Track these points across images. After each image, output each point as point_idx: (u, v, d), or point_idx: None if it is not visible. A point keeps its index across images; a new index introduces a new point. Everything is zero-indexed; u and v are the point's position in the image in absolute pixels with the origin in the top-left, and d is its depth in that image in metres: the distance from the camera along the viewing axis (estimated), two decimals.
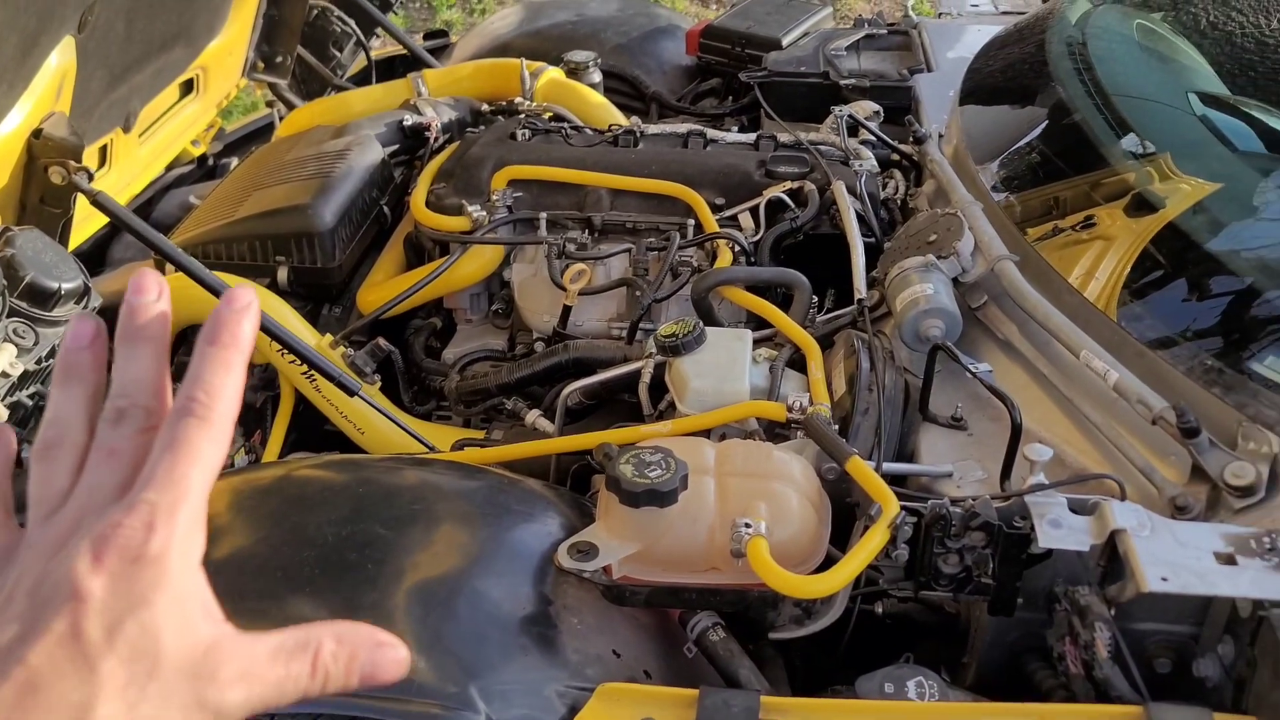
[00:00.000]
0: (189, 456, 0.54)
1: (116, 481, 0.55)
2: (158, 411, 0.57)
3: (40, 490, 0.56)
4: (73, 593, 0.50)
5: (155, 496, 0.52)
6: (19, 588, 0.52)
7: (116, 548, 0.51)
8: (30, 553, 0.54)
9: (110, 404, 0.57)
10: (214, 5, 2.38)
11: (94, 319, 0.60)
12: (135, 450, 0.55)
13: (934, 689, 1.13)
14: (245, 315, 0.58)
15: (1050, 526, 1.13)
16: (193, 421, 0.54)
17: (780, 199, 1.94)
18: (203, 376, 0.55)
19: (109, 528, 0.51)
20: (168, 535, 0.52)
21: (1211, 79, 1.88)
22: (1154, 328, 1.43)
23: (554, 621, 1.14)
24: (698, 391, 1.49)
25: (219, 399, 0.55)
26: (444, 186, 2.08)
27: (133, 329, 0.58)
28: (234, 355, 0.57)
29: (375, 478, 1.32)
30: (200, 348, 0.57)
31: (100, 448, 0.56)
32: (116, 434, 0.56)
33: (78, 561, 0.51)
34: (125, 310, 0.58)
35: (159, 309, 0.59)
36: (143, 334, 0.58)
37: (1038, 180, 1.82)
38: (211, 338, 0.57)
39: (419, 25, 5.66)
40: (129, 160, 2.31)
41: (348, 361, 1.81)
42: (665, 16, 3.15)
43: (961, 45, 2.55)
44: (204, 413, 0.55)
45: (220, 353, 0.56)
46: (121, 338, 0.58)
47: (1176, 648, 1.14)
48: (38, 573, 0.52)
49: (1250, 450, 1.24)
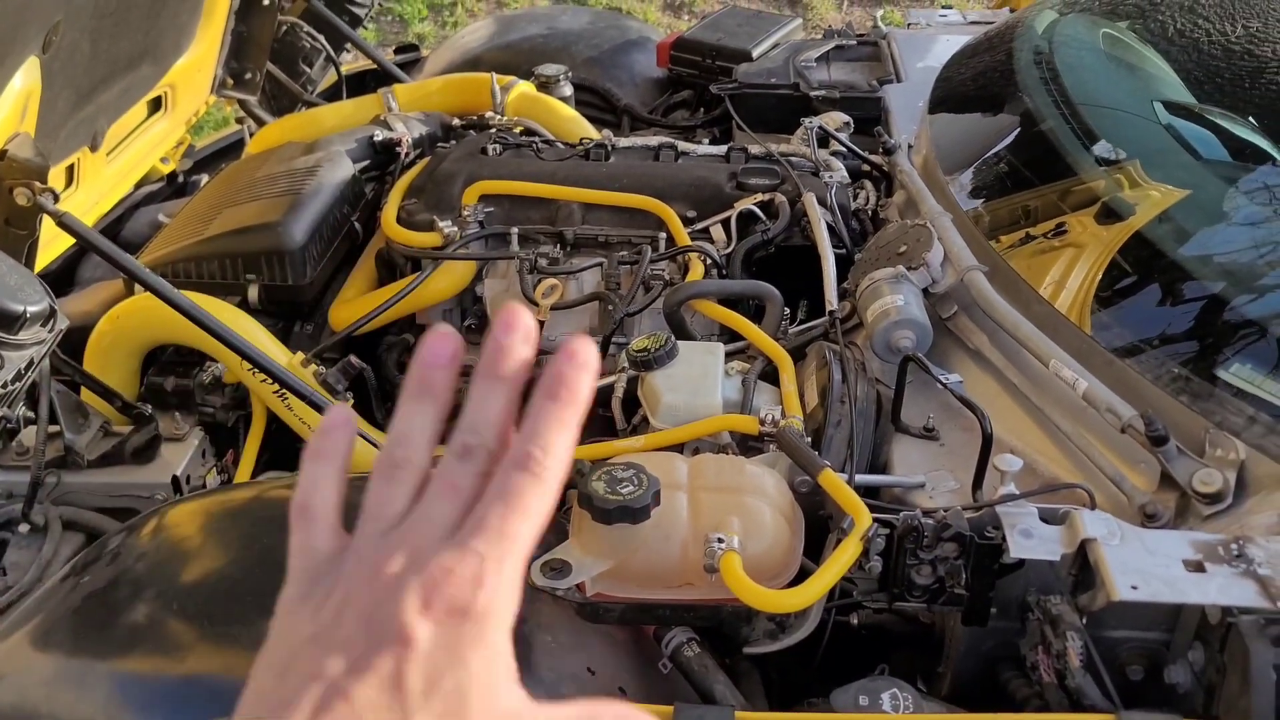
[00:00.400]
0: (520, 511, 0.54)
1: (452, 518, 0.54)
2: (498, 456, 0.57)
3: (377, 507, 0.56)
4: (401, 636, 0.50)
5: (485, 548, 0.52)
6: (348, 610, 0.52)
7: (446, 597, 0.51)
8: (359, 567, 0.53)
9: (459, 437, 0.57)
10: (181, 22, 2.37)
11: (454, 336, 0.60)
12: (473, 489, 0.55)
13: (909, 700, 1.13)
14: (585, 371, 0.57)
15: (1022, 536, 1.14)
16: (527, 477, 0.54)
17: (751, 211, 1.95)
18: (540, 431, 0.55)
19: (441, 573, 0.51)
20: (493, 592, 0.52)
21: (1177, 87, 1.89)
22: (1122, 336, 1.44)
23: (528, 640, 1.13)
24: (670, 406, 1.49)
25: (553, 456, 0.55)
26: (415, 202, 2.07)
27: (495, 368, 0.58)
28: (571, 413, 0.56)
29: (349, 498, 1.31)
30: (540, 401, 0.57)
31: (443, 478, 0.56)
32: (461, 469, 0.56)
33: (408, 603, 0.50)
34: (491, 346, 0.58)
35: (524, 352, 0.58)
36: (503, 374, 0.58)
37: (1006, 190, 1.84)
38: (552, 393, 0.56)
39: (390, 40, 5.65)
40: (97, 179, 2.29)
41: (319, 379, 1.80)
42: (636, 29, 3.16)
43: (931, 55, 2.56)
44: (538, 469, 0.55)
45: (559, 410, 0.56)
46: (482, 373, 0.58)
47: (1148, 655, 1.14)
48: (370, 595, 0.52)
49: (1218, 457, 1.25)
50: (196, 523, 1.35)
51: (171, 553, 1.28)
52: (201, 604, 1.16)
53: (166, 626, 1.14)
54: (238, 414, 1.90)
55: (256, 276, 1.98)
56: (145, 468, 1.71)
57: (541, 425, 0.56)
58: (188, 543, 1.31)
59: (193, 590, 1.18)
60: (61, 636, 1.17)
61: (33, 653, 1.16)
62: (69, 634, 1.17)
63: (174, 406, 1.86)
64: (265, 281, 1.99)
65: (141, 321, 1.87)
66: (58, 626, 1.19)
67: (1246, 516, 1.20)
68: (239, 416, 1.91)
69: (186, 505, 1.40)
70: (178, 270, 1.99)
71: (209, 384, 1.86)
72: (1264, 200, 1.60)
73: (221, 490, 1.63)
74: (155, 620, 1.15)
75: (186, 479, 1.74)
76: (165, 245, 2.08)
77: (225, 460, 1.87)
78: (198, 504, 1.42)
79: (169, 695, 1.08)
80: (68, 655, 1.14)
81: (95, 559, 1.28)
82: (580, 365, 0.57)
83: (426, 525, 0.54)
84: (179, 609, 1.15)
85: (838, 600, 1.26)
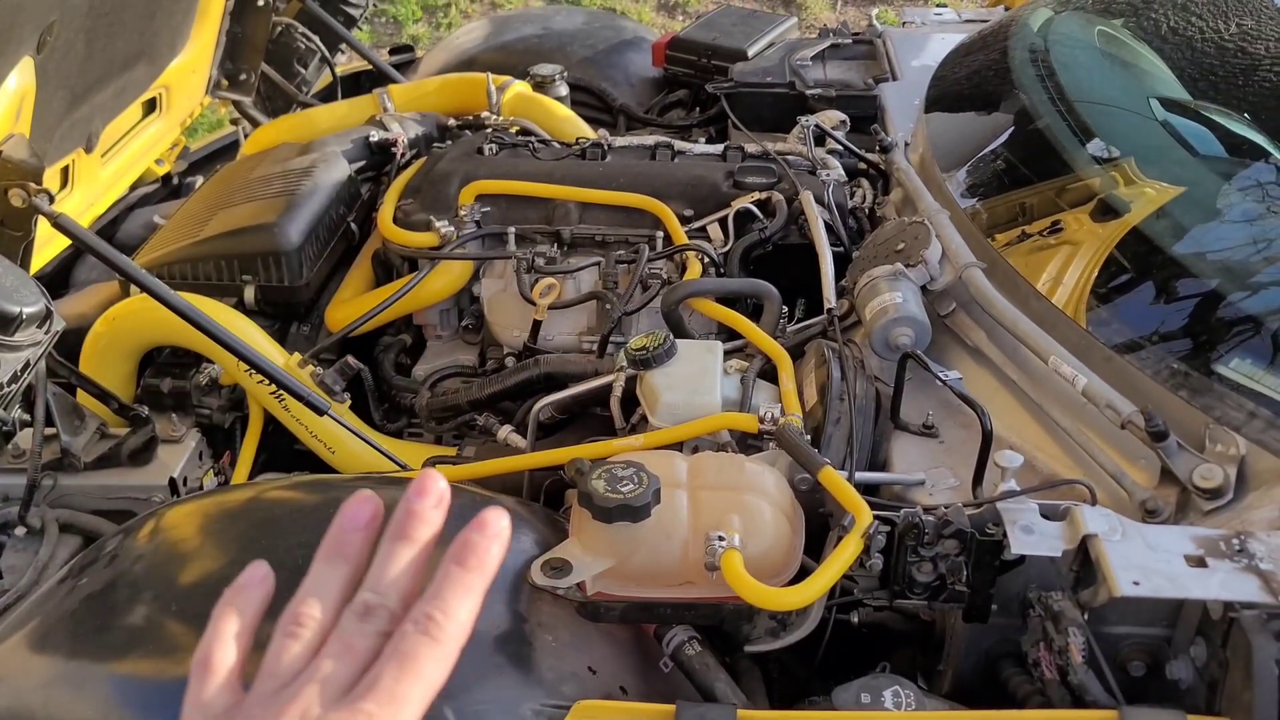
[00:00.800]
0: (413, 673, 0.55)
1: (346, 679, 0.55)
2: (401, 618, 0.57)
3: (274, 663, 0.57)
4: None
5: (374, 709, 0.53)
6: None
7: None
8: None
9: (362, 596, 0.58)
10: (175, 23, 2.37)
11: (375, 501, 0.61)
12: (370, 650, 0.56)
13: (910, 698, 1.13)
14: (496, 541, 0.59)
15: (1022, 533, 1.13)
16: (425, 640, 0.55)
17: (748, 210, 1.95)
18: (443, 596, 0.57)
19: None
20: None
21: (1172, 84, 1.90)
22: (1121, 332, 1.44)
23: (529, 639, 1.13)
24: (669, 404, 1.49)
25: (453, 622, 0.56)
26: (411, 202, 2.07)
27: (405, 530, 0.59)
28: (477, 580, 0.58)
29: (346, 498, 1.30)
30: (446, 565, 0.58)
31: (341, 638, 0.57)
32: (359, 629, 0.57)
33: None
34: (403, 510, 0.59)
35: (435, 517, 0.60)
36: (412, 538, 0.59)
37: (1003, 187, 1.83)
38: (460, 559, 0.58)
39: (385, 41, 5.64)
40: (92, 181, 2.28)
41: (316, 380, 1.79)
42: (631, 29, 3.16)
43: (926, 54, 2.56)
44: (437, 633, 0.56)
45: (465, 576, 0.57)
46: (391, 534, 0.59)
47: (1150, 651, 1.14)
48: None
49: (1218, 453, 1.25)
50: (194, 524, 1.34)
51: (169, 554, 1.28)
52: (199, 605, 1.15)
53: (164, 628, 1.13)
54: (234, 415, 1.90)
55: (252, 278, 1.98)
56: (142, 470, 1.71)
57: (446, 590, 0.57)
58: (185, 544, 1.31)
59: (191, 591, 1.18)
60: (59, 639, 1.17)
61: (30, 655, 1.15)
62: (67, 636, 1.16)
63: (170, 408, 1.85)
64: (261, 282, 1.98)
65: (137, 323, 1.86)
66: (55, 629, 1.18)
67: (1247, 511, 1.20)
68: (236, 418, 1.91)
69: (184, 507, 1.40)
70: (173, 272, 1.99)
71: (206, 385, 1.86)
72: (1260, 196, 1.60)
73: (219, 491, 1.62)
74: (153, 622, 1.14)
75: (183, 481, 1.73)
76: (161, 247, 2.07)
77: (222, 462, 1.86)
78: (195, 505, 1.41)
79: (167, 697, 1.08)
80: (65, 657, 1.14)
81: (93, 561, 1.28)
82: (491, 536, 0.59)
83: (318, 686, 0.55)
84: (177, 610, 1.15)
85: (839, 598, 1.26)
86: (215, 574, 1.20)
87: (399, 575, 0.58)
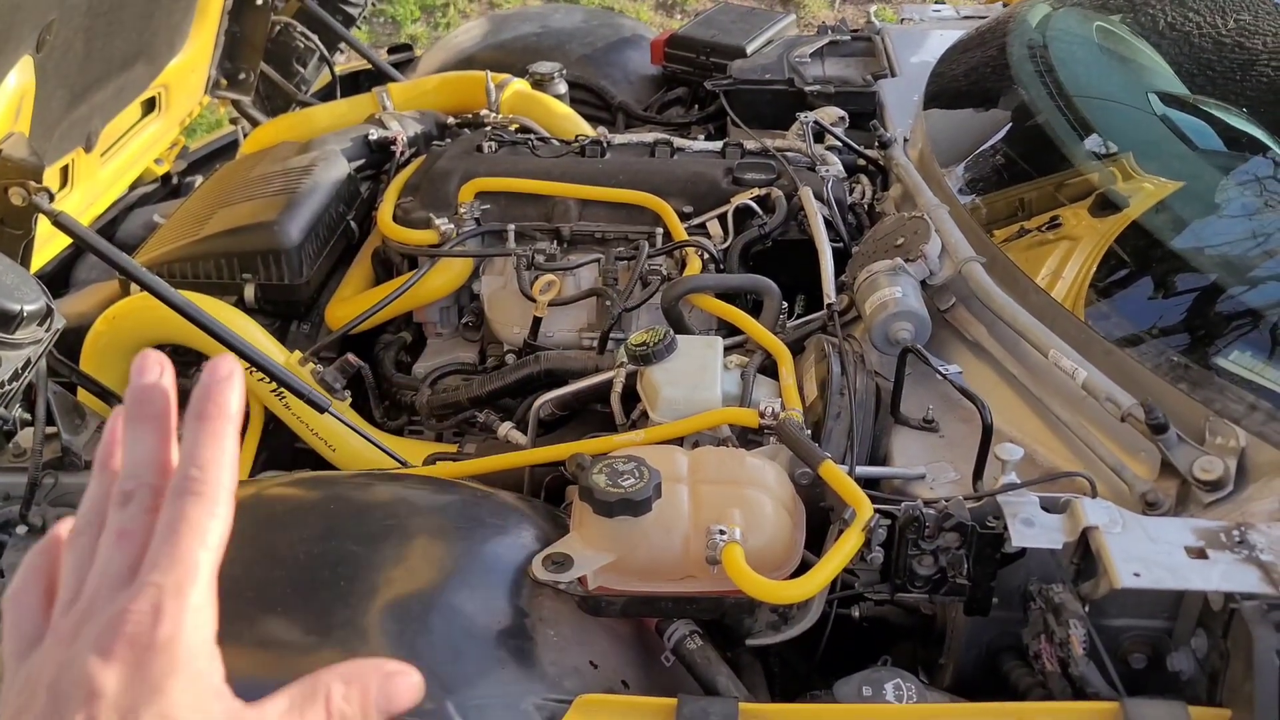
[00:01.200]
0: (190, 534, 0.53)
1: (127, 563, 0.54)
2: (162, 490, 0.57)
3: (66, 578, 0.56)
4: (88, 690, 0.49)
5: (160, 578, 0.52)
6: (39, 681, 0.52)
7: (126, 637, 0.51)
8: (51, 642, 0.54)
9: (118, 487, 0.57)
10: (174, 22, 2.37)
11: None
12: (145, 530, 0.55)
13: (912, 691, 1.13)
14: (228, 384, 0.57)
15: (1023, 525, 1.14)
16: (190, 499, 0.54)
17: (748, 206, 1.95)
18: (194, 452, 0.56)
19: (117, 617, 0.51)
20: (176, 618, 0.52)
21: (1171, 79, 1.90)
22: (1121, 326, 1.44)
23: (530, 634, 1.13)
24: (670, 400, 1.49)
25: (213, 472, 0.55)
26: (411, 200, 2.07)
27: (136, 411, 0.58)
28: (222, 425, 0.57)
29: (347, 494, 1.31)
30: (189, 423, 0.57)
31: (110, 531, 0.56)
32: (125, 515, 0.56)
33: (90, 655, 0.50)
34: (129, 393, 0.59)
35: (161, 388, 0.58)
36: (145, 414, 0.58)
37: (1003, 182, 1.84)
38: (198, 412, 0.57)
39: (383, 40, 5.65)
40: (91, 180, 2.28)
41: (317, 378, 1.79)
42: (630, 27, 3.15)
43: (925, 50, 2.56)
44: (200, 488, 0.55)
45: (208, 425, 0.56)
46: (126, 420, 0.58)
47: (1151, 642, 1.14)
48: (55, 665, 0.52)
49: (1218, 445, 1.25)
50: None
51: None
52: None
53: None
54: None
55: (253, 276, 1.98)
56: None
57: (196, 446, 0.56)
58: None
59: None
60: None
61: None
62: None
63: None
64: (261, 281, 1.98)
65: (138, 321, 1.86)
66: None
67: (1248, 503, 1.20)
68: None
69: None
70: (174, 270, 1.99)
71: None
72: (1258, 190, 1.60)
73: None
74: None
75: None
76: (161, 246, 2.07)
77: None
78: None
79: None
80: None
81: None
82: (222, 379, 0.57)
83: (104, 578, 0.54)
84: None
85: (840, 592, 1.26)
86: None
87: (145, 453, 0.57)
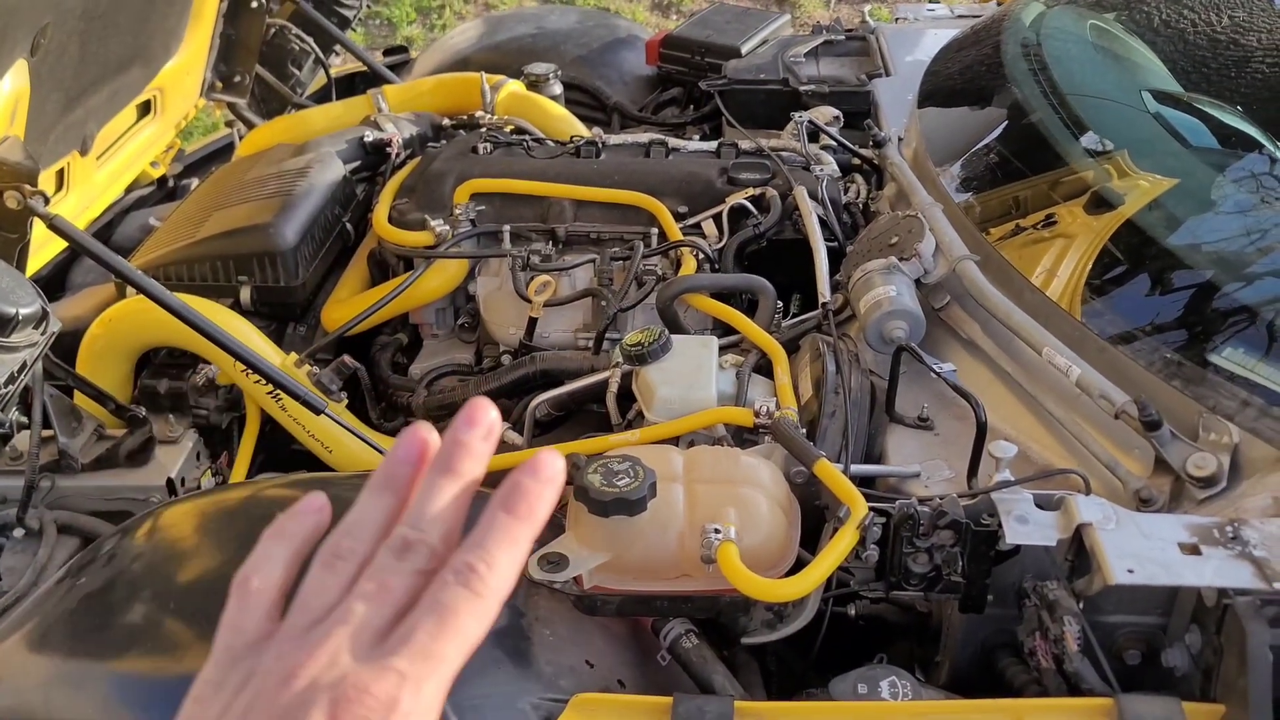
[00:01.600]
0: (452, 629, 0.51)
1: (380, 624, 0.52)
2: (442, 556, 0.54)
3: (311, 595, 0.54)
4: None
5: (407, 666, 0.50)
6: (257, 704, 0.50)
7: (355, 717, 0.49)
8: (276, 664, 0.51)
9: (400, 531, 0.54)
10: (169, 25, 2.37)
11: (429, 434, 0.58)
12: (407, 591, 0.53)
13: (907, 688, 1.13)
14: (549, 488, 0.55)
15: (1017, 523, 1.14)
16: (466, 594, 0.52)
17: (743, 206, 1.95)
18: (487, 545, 0.53)
19: (355, 691, 0.49)
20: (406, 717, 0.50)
21: (1165, 77, 1.90)
22: (1114, 323, 1.45)
23: (526, 633, 1.13)
24: (665, 399, 1.49)
25: (496, 575, 0.53)
26: (406, 202, 2.07)
27: (451, 464, 0.55)
28: (525, 530, 0.54)
29: (343, 496, 1.29)
30: (493, 511, 0.54)
31: (375, 576, 0.53)
32: (397, 567, 0.53)
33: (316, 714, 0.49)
34: (450, 441, 0.56)
35: (483, 450, 0.56)
36: (456, 469, 0.55)
37: (997, 181, 1.84)
38: (509, 505, 0.54)
39: (379, 42, 5.65)
40: (87, 183, 2.28)
41: (313, 380, 1.79)
42: (625, 27, 3.16)
43: (919, 49, 2.57)
44: (478, 586, 0.52)
45: (511, 524, 0.54)
46: (436, 467, 0.56)
47: (1145, 639, 1.14)
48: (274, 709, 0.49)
49: (1211, 441, 1.25)
50: (192, 523, 1.35)
51: (167, 553, 1.28)
52: (198, 603, 1.15)
53: (163, 626, 1.14)
54: (231, 416, 1.90)
55: (248, 278, 1.98)
56: (140, 470, 1.71)
57: (490, 539, 0.53)
58: (183, 543, 1.31)
59: (189, 590, 1.18)
60: (58, 638, 1.17)
61: (30, 655, 1.16)
62: (66, 636, 1.17)
63: (168, 409, 1.85)
64: (257, 283, 1.98)
65: (134, 324, 1.87)
66: (54, 628, 1.18)
67: (1241, 499, 1.20)
68: (233, 418, 1.91)
69: (181, 506, 1.40)
70: (169, 273, 1.99)
71: (202, 386, 1.86)
72: (1253, 187, 1.60)
73: (216, 490, 1.62)
74: (152, 620, 1.15)
75: (181, 481, 1.74)
76: (156, 249, 2.07)
77: (220, 462, 1.86)
78: (192, 504, 1.42)
79: (167, 695, 1.08)
80: (65, 657, 1.14)
81: (91, 561, 1.28)
82: (544, 481, 0.55)
83: (350, 629, 0.51)
84: (176, 609, 1.15)
85: (835, 590, 1.26)
86: (213, 572, 1.20)
87: (441, 511, 0.54)
